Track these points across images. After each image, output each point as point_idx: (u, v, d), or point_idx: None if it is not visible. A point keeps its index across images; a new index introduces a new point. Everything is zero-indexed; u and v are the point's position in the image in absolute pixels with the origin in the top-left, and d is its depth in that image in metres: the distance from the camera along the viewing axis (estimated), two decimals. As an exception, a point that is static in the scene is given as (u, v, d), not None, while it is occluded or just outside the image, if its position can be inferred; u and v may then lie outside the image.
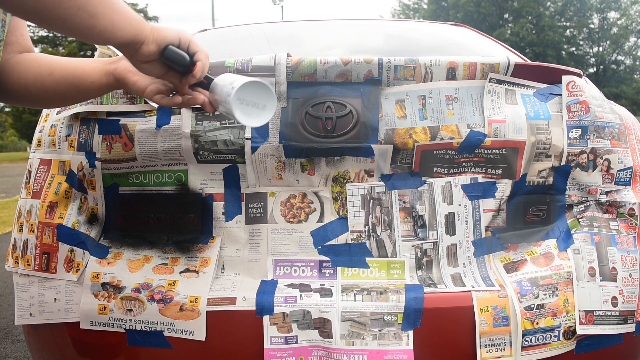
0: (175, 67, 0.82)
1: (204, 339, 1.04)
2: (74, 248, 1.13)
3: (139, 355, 1.09)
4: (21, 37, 0.92)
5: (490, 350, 1.02)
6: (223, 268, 1.12)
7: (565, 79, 1.13)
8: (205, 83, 0.87)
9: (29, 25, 0.97)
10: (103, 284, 1.09)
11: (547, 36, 25.78)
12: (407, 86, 1.10)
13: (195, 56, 0.82)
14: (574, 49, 28.23)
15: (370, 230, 1.11)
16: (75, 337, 1.13)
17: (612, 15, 27.70)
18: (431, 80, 1.10)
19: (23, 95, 0.91)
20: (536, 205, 1.15)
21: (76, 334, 1.11)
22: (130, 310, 1.06)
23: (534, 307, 1.03)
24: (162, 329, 1.05)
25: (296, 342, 1.02)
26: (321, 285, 1.08)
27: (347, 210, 1.11)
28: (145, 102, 1.10)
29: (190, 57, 0.81)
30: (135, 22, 0.75)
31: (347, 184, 1.11)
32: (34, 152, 1.26)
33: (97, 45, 1.13)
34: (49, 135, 1.22)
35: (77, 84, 0.90)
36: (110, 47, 1.11)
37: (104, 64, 0.91)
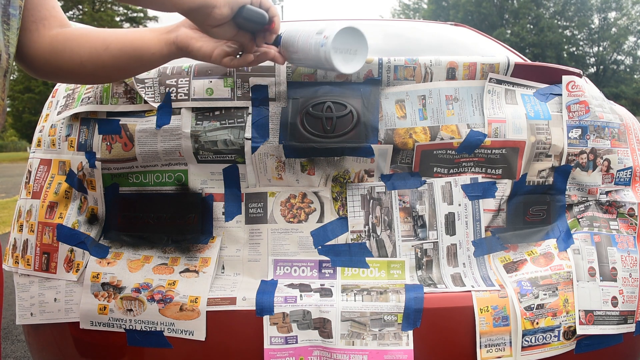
0: (251, 25, 0.81)
1: (204, 339, 1.04)
2: (74, 248, 1.13)
3: (139, 355, 1.09)
4: (54, 10, 0.89)
5: (490, 350, 1.02)
6: (223, 268, 1.12)
7: (565, 79, 1.13)
8: (271, 39, 0.87)
9: None
10: (103, 284, 1.09)
11: (547, 36, 25.79)
12: (407, 86, 1.10)
13: (270, 12, 0.82)
14: (574, 49, 28.23)
15: (370, 230, 1.11)
16: (75, 337, 1.13)
17: (612, 15, 27.70)
18: (431, 80, 1.10)
19: (78, 72, 0.89)
20: (536, 205, 1.15)
21: (76, 334, 1.11)
22: (130, 310, 1.06)
23: (534, 307, 1.03)
24: (162, 329, 1.05)
25: (296, 342, 1.02)
26: (321, 285, 1.08)
27: (347, 210, 1.11)
28: (146, 102, 1.10)
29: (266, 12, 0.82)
30: None
31: (347, 184, 1.11)
32: (34, 152, 1.26)
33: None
34: (49, 135, 1.22)
35: (137, 56, 0.88)
36: None
37: (161, 33, 0.89)
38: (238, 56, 0.88)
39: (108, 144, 1.11)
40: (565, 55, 26.99)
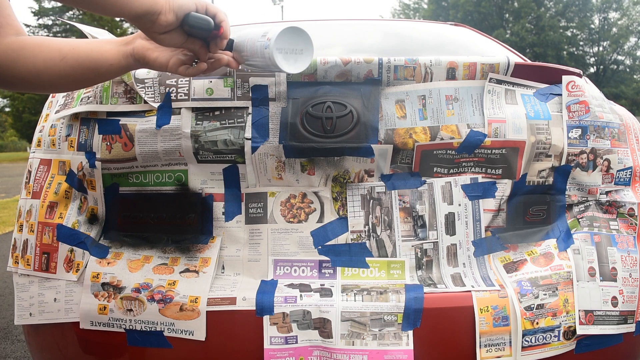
0: (198, 32, 0.81)
1: (204, 339, 1.04)
2: (74, 248, 1.13)
3: (139, 355, 1.09)
4: (9, 18, 0.88)
5: (490, 350, 1.02)
6: (223, 268, 1.12)
7: (565, 79, 1.13)
8: (224, 45, 0.86)
9: (28, 25, 0.94)
10: (103, 284, 1.09)
11: (549, 36, 25.79)
12: (407, 86, 1.10)
13: (216, 18, 0.81)
14: (573, 49, 28.24)
15: (370, 230, 1.11)
16: (75, 337, 1.13)
17: (613, 15, 27.71)
18: (431, 80, 1.10)
19: (33, 81, 0.88)
20: (536, 205, 1.15)
21: (76, 334, 1.11)
22: (130, 310, 1.06)
23: (534, 307, 1.03)
24: (162, 329, 1.05)
25: (296, 342, 1.02)
26: (321, 285, 1.08)
27: (347, 210, 1.11)
28: (146, 102, 1.10)
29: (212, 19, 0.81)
30: None
31: (347, 184, 1.11)
32: (34, 152, 1.26)
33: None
34: (49, 135, 1.22)
35: (94, 67, 0.88)
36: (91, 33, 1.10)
37: (118, 45, 0.89)
38: (195, 64, 0.88)
39: (108, 144, 1.11)
40: (565, 55, 26.99)
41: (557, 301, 1.04)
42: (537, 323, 1.03)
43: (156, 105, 1.09)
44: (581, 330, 1.04)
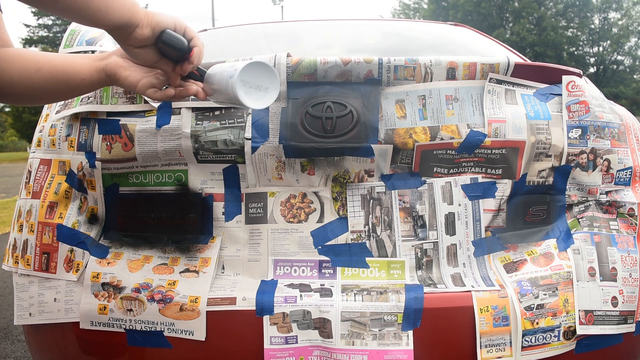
0: (171, 52, 0.80)
1: (204, 339, 1.04)
2: (74, 248, 1.13)
3: (139, 355, 1.09)
4: None
5: (491, 351, 1.02)
6: (223, 268, 1.12)
7: (565, 79, 1.13)
8: (198, 75, 0.86)
9: (28, 25, 0.94)
10: (103, 284, 1.09)
11: (550, 36, 25.79)
12: (407, 86, 1.10)
13: (192, 42, 0.81)
14: (574, 49, 28.24)
15: (370, 230, 1.11)
16: (75, 337, 1.13)
17: (613, 15, 27.71)
18: (431, 80, 1.10)
19: (8, 92, 0.89)
20: (536, 205, 1.15)
21: (76, 334, 1.11)
22: (130, 310, 1.06)
23: (534, 307, 1.03)
24: (162, 329, 1.05)
25: (296, 342, 1.02)
26: (321, 285, 1.08)
27: (347, 210, 1.11)
28: (146, 102, 1.10)
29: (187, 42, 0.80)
30: (129, 4, 0.74)
31: (347, 184, 1.11)
32: (34, 152, 1.26)
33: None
34: (49, 135, 1.22)
35: (66, 81, 0.88)
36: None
37: (93, 60, 0.90)
38: (164, 89, 0.88)
39: (108, 144, 1.11)
40: (565, 55, 26.99)
41: (557, 301, 1.04)
42: (537, 323, 1.03)
43: (156, 105, 1.09)
44: (581, 330, 1.04)
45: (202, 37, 2.14)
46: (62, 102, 1.22)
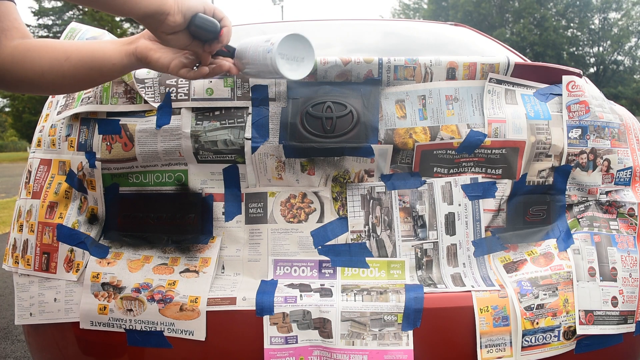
0: (204, 34, 0.82)
1: (204, 339, 1.04)
2: (74, 248, 1.13)
3: (139, 355, 1.09)
4: (16, 22, 0.89)
5: (491, 351, 1.02)
6: (223, 268, 1.12)
7: (565, 79, 1.13)
8: (227, 52, 0.88)
9: (28, 25, 0.94)
10: (103, 284, 1.09)
11: (550, 36, 25.78)
12: (407, 86, 1.10)
13: (222, 22, 0.83)
14: (574, 49, 28.24)
15: (370, 230, 1.11)
16: (75, 337, 1.13)
17: (613, 15, 27.71)
18: (431, 80, 1.10)
19: (39, 82, 0.89)
20: (536, 205, 1.15)
21: (76, 334, 1.11)
22: (130, 310, 1.06)
23: (534, 307, 1.03)
24: (162, 329, 1.05)
25: (296, 342, 1.02)
26: (321, 285, 1.08)
27: (347, 210, 1.11)
28: (146, 102, 1.10)
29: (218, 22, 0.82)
30: None
31: (347, 184, 1.11)
32: (34, 152, 1.26)
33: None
34: (49, 135, 1.22)
35: (98, 67, 0.89)
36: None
37: (122, 44, 0.91)
38: (195, 68, 0.89)
39: (108, 144, 1.11)
40: (565, 55, 26.99)
41: (557, 301, 1.04)
42: (537, 323, 1.03)
43: (156, 105, 1.09)
44: (581, 330, 1.04)
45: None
46: (63, 103, 1.22)
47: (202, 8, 0.81)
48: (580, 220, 1.13)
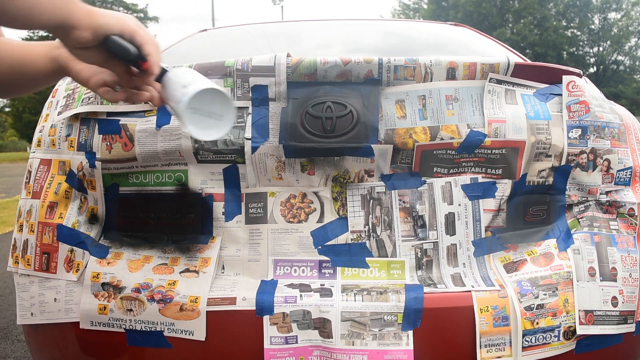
0: (118, 59, 0.71)
1: (204, 339, 1.04)
2: (74, 248, 1.13)
3: (139, 355, 1.09)
4: None
5: (490, 350, 1.02)
6: (223, 268, 1.12)
7: (566, 79, 1.13)
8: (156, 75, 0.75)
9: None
10: (103, 284, 1.09)
11: (551, 36, 25.78)
12: (407, 86, 1.10)
13: (143, 49, 0.70)
14: (574, 49, 28.24)
15: (370, 230, 1.11)
16: (75, 337, 1.13)
17: (613, 15, 27.71)
18: (431, 81, 1.10)
19: None
20: (536, 205, 1.15)
21: (76, 334, 1.11)
22: (130, 310, 1.06)
23: (534, 307, 1.03)
24: (162, 329, 1.05)
25: (296, 342, 1.02)
26: (321, 285, 1.08)
27: (347, 210, 1.11)
28: (146, 102, 1.10)
29: (137, 49, 0.70)
30: (60, 3, 0.63)
31: (347, 184, 1.11)
32: (34, 152, 1.26)
33: None
34: (49, 135, 1.22)
35: (22, 70, 0.79)
36: None
37: (50, 47, 0.80)
38: (118, 88, 0.78)
39: (108, 144, 1.11)
40: (565, 55, 26.98)
41: (557, 301, 1.04)
42: (537, 323, 1.03)
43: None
44: (581, 330, 1.04)
45: (203, 37, 2.13)
46: (63, 103, 1.22)
47: (120, 29, 0.68)
48: (580, 220, 1.13)
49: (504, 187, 1.12)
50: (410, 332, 1.01)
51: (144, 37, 0.70)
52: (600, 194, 1.14)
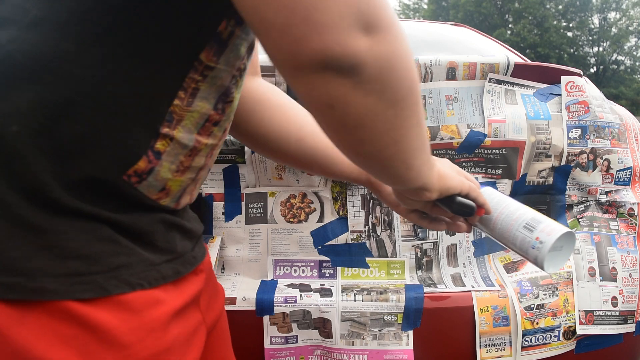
0: (458, 212, 0.75)
1: (204, 339, 1.04)
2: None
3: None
4: (255, 55, 0.76)
5: (490, 350, 1.02)
6: (223, 268, 1.12)
7: (564, 79, 1.13)
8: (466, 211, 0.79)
9: None
10: (103, 284, 1.09)
11: (552, 37, 25.79)
12: (407, 86, 1.10)
13: (477, 201, 0.75)
14: (574, 49, 28.25)
15: (370, 230, 1.11)
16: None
17: (612, 15, 27.72)
18: (431, 80, 1.10)
19: (259, 141, 0.79)
20: (536, 205, 1.15)
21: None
22: (130, 310, 1.06)
23: (533, 307, 1.03)
24: (162, 329, 1.05)
25: (296, 342, 1.03)
26: (321, 285, 1.08)
27: (347, 210, 1.11)
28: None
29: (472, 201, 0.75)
30: (427, 169, 0.65)
31: (347, 184, 1.11)
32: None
33: None
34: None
35: (324, 163, 0.81)
36: None
37: None
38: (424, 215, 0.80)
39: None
40: (565, 56, 27.00)
41: (557, 301, 1.04)
42: (537, 323, 1.03)
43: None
44: (581, 330, 1.04)
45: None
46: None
47: (460, 189, 0.72)
48: (580, 220, 1.13)
49: (504, 187, 1.12)
50: (410, 332, 1.01)
51: (474, 189, 0.74)
52: (600, 194, 1.14)
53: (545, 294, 1.04)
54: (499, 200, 0.80)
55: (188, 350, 0.55)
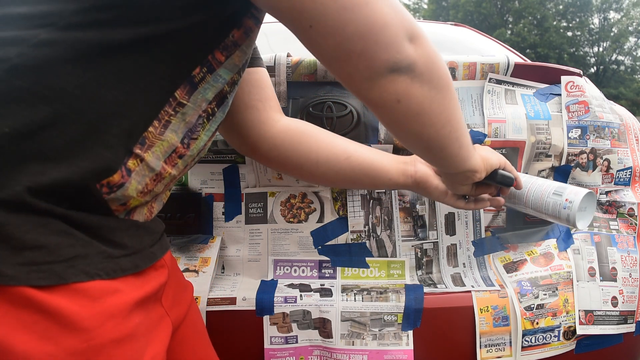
0: (499, 185, 0.88)
1: (204, 339, 1.04)
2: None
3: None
4: (271, 90, 0.88)
5: (490, 350, 1.02)
6: (223, 268, 1.12)
7: (564, 79, 1.13)
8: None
9: None
10: (103, 284, 1.09)
11: (552, 37, 25.78)
12: (407, 86, 1.10)
13: (513, 173, 0.88)
14: (574, 49, 28.24)
15: (370, 230, 1.11)
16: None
17: (612, 15, 27.71)
18: (431, 80, 1.10)
19: (307, 169, 0.88)
20: (536, 205, 1.15)
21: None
22: (130, 310, 1.06)
23: (534, 307, 1.03)
24: (162, 329, 1.05)
25: (296, 342, 1.03)
26: (321, 285, 1.08)
27: (347, 210, 1.11)
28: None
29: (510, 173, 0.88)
30: (472, 150, 0.76)
31: (347, 184, 1.11)
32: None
33: None
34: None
35: (373, 176, 0.90)
36: None
37: (398, 162, 0.92)
38: (466, 198, 0.93)
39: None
40: (565, 56, 26.98)
41: (557, 301, 1.04)
42: (537, 323, 1.03)
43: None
44: (581, 330, 1.04)
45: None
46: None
47: (498, 163, 0.85)
48: (580, 220, 1.13)
49: (504, 187, 1.12)
50: (410, 332, 1.01)
51: (509, 163, 0.88)
52: (600, 194, 1.14)
53: (545, 294, 1.04)
54: (526, 178, 0.95)
55: (151, 340, 0.58)
